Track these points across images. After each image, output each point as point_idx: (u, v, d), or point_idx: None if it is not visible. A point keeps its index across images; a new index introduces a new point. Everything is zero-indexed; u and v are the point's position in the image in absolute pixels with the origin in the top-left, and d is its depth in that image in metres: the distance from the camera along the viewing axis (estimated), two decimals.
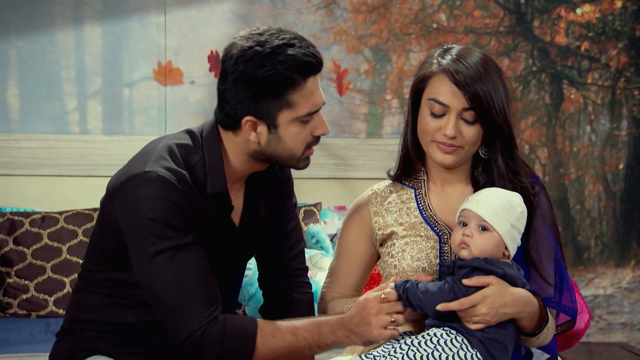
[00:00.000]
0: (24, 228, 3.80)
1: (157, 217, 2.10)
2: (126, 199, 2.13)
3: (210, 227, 2.22)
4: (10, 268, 3.74)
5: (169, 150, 2.18)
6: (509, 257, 2.14)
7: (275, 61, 2.11)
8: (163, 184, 2.11)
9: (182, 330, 2.11)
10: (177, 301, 2.11)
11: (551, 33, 4.45)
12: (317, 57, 2.16)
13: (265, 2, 4.25)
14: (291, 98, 2.13)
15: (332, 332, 2.14)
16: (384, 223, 2.32)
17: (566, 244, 4.53)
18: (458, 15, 4.37)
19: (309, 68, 2.14)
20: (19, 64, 4.12)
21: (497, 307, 2.07)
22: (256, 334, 2.13)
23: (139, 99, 4.19)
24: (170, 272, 2.10)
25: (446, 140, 2.20)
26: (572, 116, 4.50)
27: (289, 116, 2.15)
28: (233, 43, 2.17)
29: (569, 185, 4.51)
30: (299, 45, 2.14)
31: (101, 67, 4.18)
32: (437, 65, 2.22)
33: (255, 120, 2.16)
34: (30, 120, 4.13)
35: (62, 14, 4.14)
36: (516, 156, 2.25)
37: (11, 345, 3.08)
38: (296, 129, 2.17)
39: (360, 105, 4.33)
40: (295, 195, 2.46)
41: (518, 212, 2.10)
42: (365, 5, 4.31)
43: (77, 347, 2.24)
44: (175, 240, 2.11)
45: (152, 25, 4.17)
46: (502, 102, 2.19)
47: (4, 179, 4.04)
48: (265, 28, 2.19)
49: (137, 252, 2.14)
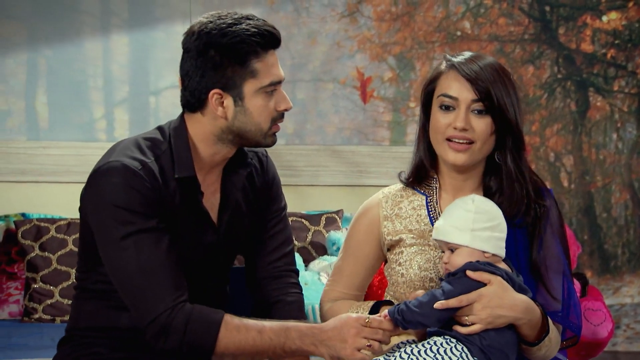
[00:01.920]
0: (49, 234, 3.86)
1: (120, 203, 2.12)
2: (91, 191, 2.18)
3: (181, 219, 2.23)
4: (35, 273, 3.81)
5: (135, 143, 2.22)
6: (500, 259, 2.13)
7: (236, 30, 2.17)
8: (125, 171, 2.14)
9: (147, 314, 2.12)
10: (141, 285, 2.12)
11: (577, 40, 4.44)
12: (276, 30, 2.23)
13: (289, 10, 4.29)
14: (254, 66, 2.18)
15: (299, 338, 2.13)
16: (393, 229, 2.32)
17: (592, 252, 4.51)
18: (482, 22, 4.38)
19: (269, 38, 2.20)
20: (48, 72, 4.20)
21: (493, 307, 2.05)
22: (220, 325, 2.12)
23: (164, 107, 4.25)
24: (134, 256, 2.12)
25: (457, 133, 2.20)
26: (598, 124, 4.48)
27: (253, 86, 2.19)
28: (191, 26, 2.24)
29: (595, 193, 4.49)
30: (257, 19, 2.22)
31: (128, 76, 4.24)
32: (446, 63, 2.25)
33: (221, 93, 2.19)
34: (59, 128, 4.20)
35: (90, 24, 4.21)
36: (524, 160, 2.26)
37: (30, 350, 3.13)
38: (261, 101, 2.21)
39: (384, 113, 4.35)
40: (284, 199, 2.46)
41: (472, 215, 2.09)
42: (389, 13, 4.33)
43: (77, 352, 2.27)
44: (139, 224, 2.13)
45: (177, 34, 4.22)
46: (512, 102, 2.21)
47: (32, 185, 4.11)
48: (221, 11, 2.25)
49: (102, 240, 2.16)
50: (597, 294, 3.99)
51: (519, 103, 2.24)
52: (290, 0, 4.29)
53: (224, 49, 2.17)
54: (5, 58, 4.17)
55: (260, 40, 2.18)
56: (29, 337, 3.42)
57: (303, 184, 4.23)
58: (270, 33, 2.20)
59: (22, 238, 3.86)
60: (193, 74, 2.21)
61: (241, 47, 2.16)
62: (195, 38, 2.19)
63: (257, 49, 2.18)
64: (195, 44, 2.19)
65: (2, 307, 3.85)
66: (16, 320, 3.80)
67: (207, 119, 2.23)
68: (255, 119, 2.22)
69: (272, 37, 2.20)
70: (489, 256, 2.10)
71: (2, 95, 4.18)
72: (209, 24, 2.19)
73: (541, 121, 4.46)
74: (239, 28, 2.17)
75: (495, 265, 2.10)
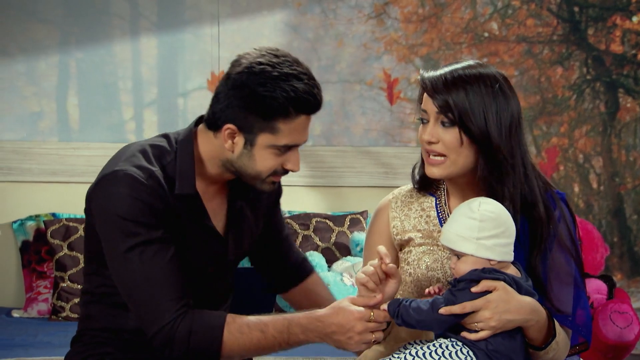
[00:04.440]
0: (78, 234, 3.92)
1: (126, 214, 2.14)
2: (98, 199, 2.19)
3: (188, 231, 2.25)
4: (64, 272, 3.87)
5: (141, 150, 2.22)
6: (507, 264, 2.12)
7: (277, 86, 2.13)
8: (131, 181, 2.15)
9: (152, 325, 2.15)
10: (146, 297, 2.14)
11: (606, 41, 4.41)
12: (318, 99, 2.19)
13: (317, 12, 4.31)
14: (278, 125, 2.16)
15: (302, 333, 2.16)
16: (402, 228, 2.32)
17: (622, 254, 4.47)
18: (510, 24, 4.36)
19: (306, 105, 2.17)
20: (79, 75, 4.26)
21: (501, 313, 2.05)
22: (223, 329, 2.15)
23: (193, 109, 4.29)
24: (139, 268, 2.14)
25: (429, 147, 2.19)
26: (628, 125, 4.44)
27: (268, 140, 2.18)
28: (249, 52, 2.21)
29: (625, 195, 4.46)
30: (306, 82, 2.17)
31: (157, 78, 4.29)
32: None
33: (235, 130, 2.19)
34: (89, 129, 4.26)
35: (120, 27, 4.27)
36: (507, 169, 2.20)
37: (54, 348, 3.18)
38: (270, 155, 2.20)
39: (411, 114, 4.35)
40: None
41: (477, 224, 2.07)
42: (416, 14, 4.33)
43: (88, 352, 2.30)
44: (144, 236, 2.15)
45: (206, 36, 4.27)
46: (482, 113, 2.16)
47: (63, 186, 4.18)
48: (285, 52, 2.21)
49: (109, 251, 2.18)
50: (624, 296, 3.96)
51: (499, 110, 2.19)
52: (318, 2, 4.31)
53: (257, 97, 2.14)
54: (37, 61, 4.24)
55: (295, 105, 2.15)
56: (54, 335, 3.47)
57: (329, 185, 4.24)
58: (309, 100, 2.16)
59: (51, 237, 3.93)
60: (221, 100, 2.19)
61: (272, 104, 2.14)
62: (239, 71, 2.17)
63: (289, 110, 2.15)
64: (236, 76, 2.17)
65: (32, 305, 3.91)
66: (44, 318, 3.86)
67: (217, 142, 2.23)
68: (258, 167, 2.21)
69: (309, 104, 2.17)
70: (495, 263, 2.10)
71: (34, 97, 4.25)
72: (257, 65, 2.15)
73: (570, 122, 4.43)
74: (281, 85, 2.14)
75: (500, 271, 2.09)
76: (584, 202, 4.45)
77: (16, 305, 4.06)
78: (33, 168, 4.17)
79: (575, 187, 4.45)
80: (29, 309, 3.91)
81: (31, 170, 4.17)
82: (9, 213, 4.13)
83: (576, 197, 4.45)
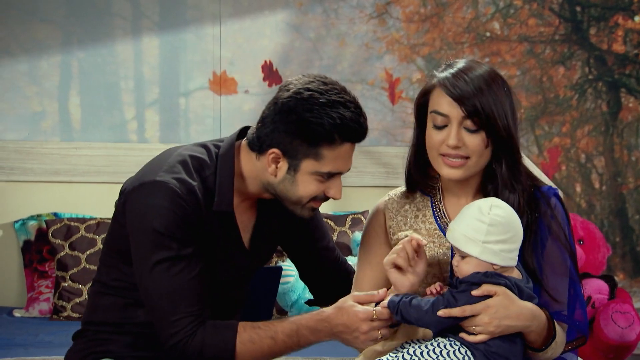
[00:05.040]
0: (79, 233, 3.92)
1: (161, 228, 2.17)
2: (135, 206, 2.21)
3: (218, 246, 2.28)
4: (65, 272, 3.87)
5: (181, 161, 2.24)
6: (509, 269, 2.12)
7: (324, 112, 2.15)
8: (171, 195, 2.17)
9: (168, 339, 2.19)
10: (166, 309, 2.18)
11: (608, 41, 4.40)
12: (364, 128, 2.22)
13: (318, 12, 4.31)
14: (322, 152, 2.18)
15: (312, 334, 2.19)
16: (399, 229, 2.33)
17: (624, 254, 4.47)
18: (512, 23, 4.36)
19: (352, 134, 2.19)
20: (80, 74, 4.26)
21: (500, 318, 2.06)
22: (235, 341, 2.18)
23: (194, 108, 4.29)
24: (165, 280, 2.17)
25: (451, 151, 2.19)
26: (630, 125, 4.44)
27: (312, 167, 2.20)
28: (299, 77, 2.23)
29: (627, 194, 4.45)
30: (353, 110, 2.19)
31: (158, 78, 4.30)
32: (435, 79, 2.23)
33: (280, 155, 2.21)
34: (91, 129, 4.26)
35: (122, 27, 4.27)
36: (520, 166, 2.24)
37: (54, 348, 3.18)
38: (312, 181, 2.22)
39: (412, 114, 4.33)
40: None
41: (485, 227, 2.07)
42: (417, 14, 4.33)
43: (89, 349, 2.32)
44: (176, 251, 2.18)
45: (207, 36, 4.27)
46: (504, 113, 2.18)
47: (64, 185, 4.18)
48: (332, 80, 2.24)
49: (138, 259, 2.21)
50: (625, 296, 3.96)
51: (512, 108, 2.20)
52: (319, 2, 4.31)
53: (303, 123, 2.16)
54: (39, 60, 4.24)
55: (341, 132, 2.17)
56: (55, 335, 3.47)
57: None
58: (356, 129, 2.19)
59: (52, 237, 3.93)
60: (267, 124, 2.22)
61: (319, 131, 2.16)
62: (287, 96, 2.19)
63: (335, 138, 2.17)
64: (283, 100, 2.19)
65: (33, 305, 3.91)
66: (46, 318, 3.86)
67: (260, 165, 2.25)
68: (299, 192, 2.23)
69: (354, 132, 2.19)
70: (498, 268, 2.10)
71: (36, 97, 4.25)
72: (306, 91, 2.17)
73: (572, 122, 4.43)
74: (328, 112, 2.15)
75: (503, 275, 2.09)
76: (586, 202, 4.45)
77: (18, 304, 4.06)
78: (35, 168, 4.18)
79: (577, 187, 4.44)
80: (31, 308, 3.91)
81: (33, 170, 4.17)
82: (11, 212, 4.13)
83: (578, 197, 4.45)
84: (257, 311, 2.57)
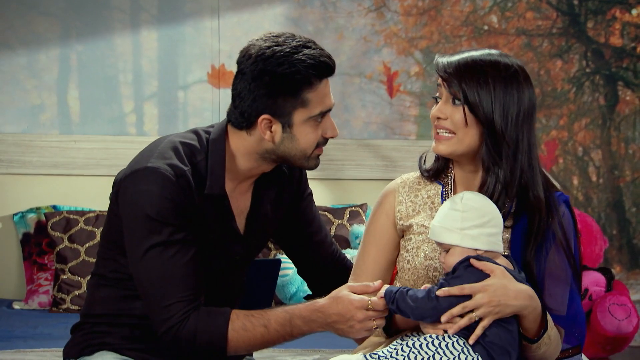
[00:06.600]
0: (78, 226, 3.94)
1: (153, 213, 2.17)
2: (127, 193, 2.21)
3: (212, 232, 2.28)
4: (64, 265, 3.89)
5: (173, 147, 2.24)
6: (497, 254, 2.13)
7: (293, 60, 2.18)
8: (162, 180, 2.17)
9: (161, 325, 2.19)
10: (158, 295, 2.18)
11: (605, 34, 4.41)
12: (332, 60, 2.25)
13: (316, 5, 4.32)
14: (306, 97, 2.21)
15: (305, 324, 2.19)
16: (406, 213, 2.33)
17: (621, 247, 4.49)
18: (510, 17, 4.37)
19: (325, 69, 2.22)
20: (79, 67, 4.27)
21: (500, 297, 2.05)
22: (228, 328, 2.18)
23: (193, 102, 4.30)
24: (157, 266, 2.18)
25: (438, 123, 2.22)
26: (627, 118, 4.45)
27: (303, 115, 2.23)
28: (250, 44, 2.25)
29: (624, 187, 4.47)
30: (315, 48, 2.23)
31: (157, 71, 4.31)
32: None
33: (271, 119, 2.22)
34: (90, 122, 4.28)
35: (120, 20, 4.28)
36: (519, 164, 2.22)
37: (54, 340, 3.19)
38: (309, 129, 2.24)
39: (411, 107, 4.36)
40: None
41: (459, 214, 2.09)
42: (415, 7, 4.34)
43: (87, 342, 2.32)
44: (168, 235, 2.18)
45: (206, 29, 4.28)
46: (490, 97, 2.18)
47: (63, 178, 4.19)
48: (280, 32, 2.26)
49: (131, 245, 2.21)
50: (622, 288, 3.98)
51: (508, 98, 2.20)
52: None
53: (279, 77, 2.18)
54: (38, 54, 4.25)
55: (315, 72, 2.20)
56: (54, 327, 3.49)
57: (329, 178, 4.26)
58: (326, 64, 2.22)
59: (51, 230, 3.95)
60: (245, 96, 2.22)
61: (296, 77, 2.19)
62: (251, 62, 2.20)
63: (311, 79, 2.20)
64: (251, 68, 2.20)
65: (33, 297, 3.93)
66: (45, 310, 3.88)
67: (252, 139, 2.26)
68: (302, 145, 2.25)
69: (328, 67, 2.23)
70: (482, 253, 2.11)
71: (35, 90, 4.26)
72: (266, 49, 2.20)
73: (569, 115, 4.44)
74: (295, 58, 2.18)
75: (493, 260, 2.11)
76: (583, 195, 4.47)
77: (17, 297, 4.08)
78: (34, 161, 4.19)
79: (575, 180, 4.46)
80: (30, 300, 3.93)
81: (32, 163, 4.18)
82: (10, 205, 4.15)
83: (575, 189, 4.46)
84: (255, 304, 2.57)
